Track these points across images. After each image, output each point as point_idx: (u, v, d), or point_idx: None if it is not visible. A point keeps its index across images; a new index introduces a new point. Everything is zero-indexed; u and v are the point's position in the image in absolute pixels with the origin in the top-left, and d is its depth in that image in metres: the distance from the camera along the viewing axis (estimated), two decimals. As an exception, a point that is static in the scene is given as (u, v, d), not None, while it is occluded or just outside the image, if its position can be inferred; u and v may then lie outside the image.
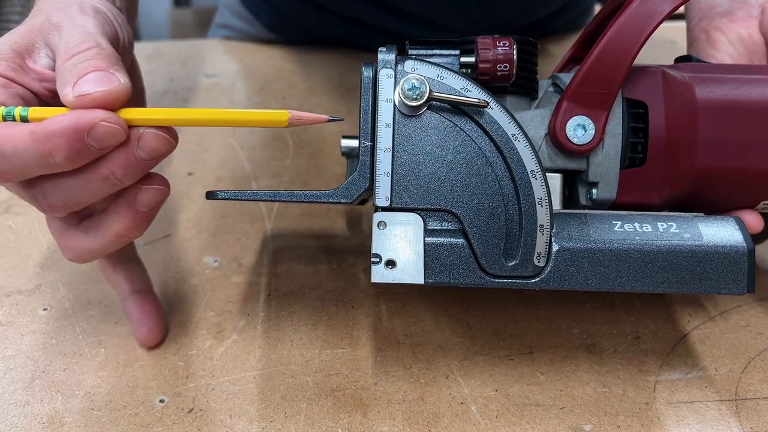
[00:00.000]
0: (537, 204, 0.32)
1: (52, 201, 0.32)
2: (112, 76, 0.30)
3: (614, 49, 0.32)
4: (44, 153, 0.28)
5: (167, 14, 1.70)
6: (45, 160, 0.29)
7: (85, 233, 0.34)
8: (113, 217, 0.33)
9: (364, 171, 0.33)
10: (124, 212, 0.32)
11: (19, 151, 0.29)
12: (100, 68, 0.30)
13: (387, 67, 0.32)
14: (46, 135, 0.28)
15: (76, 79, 0.29)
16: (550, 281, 0.32)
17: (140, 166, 0.31)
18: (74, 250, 0.35)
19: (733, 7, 0.44)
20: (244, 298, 0.43)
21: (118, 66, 0.31)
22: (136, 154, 0.30)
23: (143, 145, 0.30)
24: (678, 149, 0.34)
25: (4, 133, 0.29)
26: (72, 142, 0.28)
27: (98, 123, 0.28)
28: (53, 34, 0.33)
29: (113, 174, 0.30)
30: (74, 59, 0.30)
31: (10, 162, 0.29)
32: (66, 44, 0.31)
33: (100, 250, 0.34)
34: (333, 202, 0.33)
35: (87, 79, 0.29)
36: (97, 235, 0.34)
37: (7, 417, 0.35)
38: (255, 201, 0.38)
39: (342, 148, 0.39)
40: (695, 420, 0.35)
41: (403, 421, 0.35)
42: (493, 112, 0.32)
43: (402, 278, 0.31)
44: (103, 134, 0.29)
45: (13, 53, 0.33)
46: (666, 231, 0.32)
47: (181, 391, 0.37)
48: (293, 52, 0.74)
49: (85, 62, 0.30)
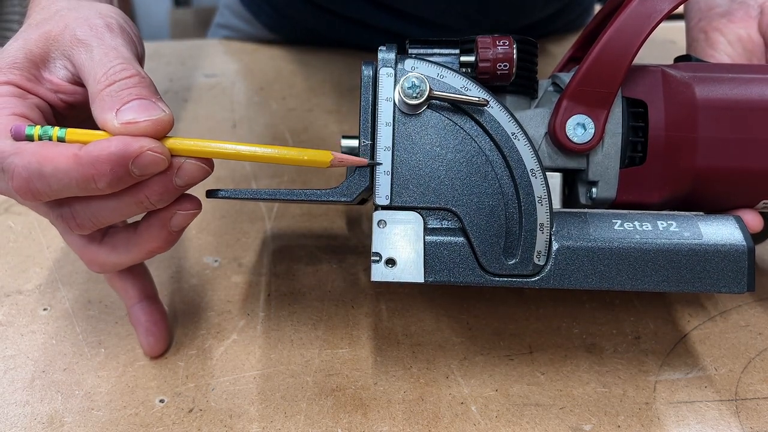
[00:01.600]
0: (537, 203, 0.32)
1: (81, 221, 0.32)
2: (156, 106, 0.30)
3: (614, 48, 0.32)
4: (87, 177, 0.28)
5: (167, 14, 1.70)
6: (87, 184, 0.29)
7: (113, 249, 0.34)
8: (145, 237, 0.33)
9: (364, 170, 0.33)
10: (157, 233, 0.33)
11: (59, 172, 0.28)
12: (143, 96, 0.30)
13: (387, 66, 0.32)
14: (91, 159, 0.28)
15: (119, 106, 0.29)
16: (550, 280, 0.32)
17: (176, 191, 0.31)
18: (101, 265, 0.35)
19: (732, 8, 0.44)
20: (244, 298, 0.43)
21: (158, 95, 0.31)
22: (174, 181, 0.30)
23: (182, 174, 0.30)
24: (678, 148, 0.34)
25: (45, 153, 0.28)
26: (116, 168, 0.28)
27: (145, 152, 0.28)
28: (78, 50, 0.32)
29: (148, 198, 0.30)
30: (116, 85, 0.30)
31: (48, 182, 0.29)
32: (103, 67, 0.31)
33: (127, 263, 0.35)
34: (333, 201, 0.33)
35: (131, 106, 0.29)
36: (128, 252, 0.34)
37: (7, 417, 0.35)
38: (255, 200, 0.38)
39: (342, 148, 0.39)
40: (695, 420, 0.35)
41: (403, 421, 0.35)
42: (493, 111, 0.32)
43: (402, 277, 0.31)
44: (148, 163, 0.29)
45: (29, 62, 0.32)
46: (666, 230, 0.32)
47: (181, 391, 0.37)
48: (293, 52, 0.75)
49: (128, 89, 0.30)
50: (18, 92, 0.32)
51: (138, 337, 0.39)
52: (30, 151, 0.29)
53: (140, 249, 0.33)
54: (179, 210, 0.32)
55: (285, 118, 0.62)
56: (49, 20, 0.34)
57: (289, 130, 0.60)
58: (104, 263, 0.35)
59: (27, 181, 0.29)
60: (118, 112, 0.29)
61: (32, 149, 0.29)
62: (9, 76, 0.32)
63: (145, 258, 0.34)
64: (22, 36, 0.34)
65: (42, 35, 0.33)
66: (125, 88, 0.30)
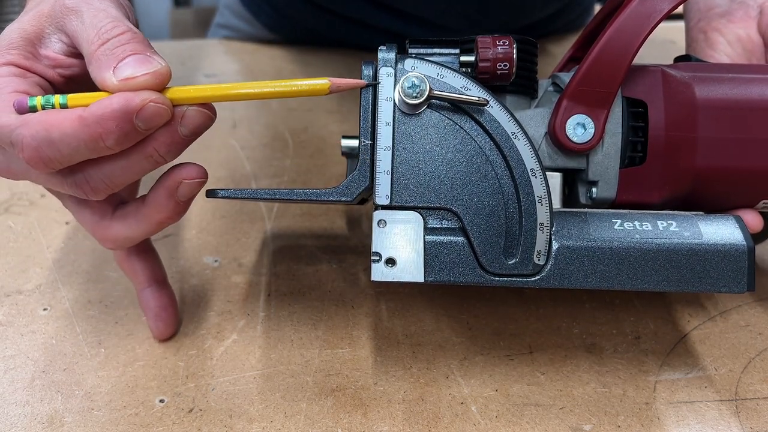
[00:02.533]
0: (537, 202, 0.32)
1: (95, 184, 0.32)
2: (152, 59, 0.30)
3: (614, 48, 0.33)
4: (94, 137, 0.29)
5: (167, 14, 1.71)
6: (95, 144, 0.29)
7: (123, 222, 0.34)
8: (154, 207, 0.33)
9: (364, 169, 0.33)
10: (165, 203, 0.33)
11: (67, 137, 0.29)
12: (138, 51, 0.30)
13: (387, 66, 0.32)
14: (95, 119, 0.28)
15: (116, 64, 0.29)
16: (550, 279, 0.32)
17: (183, 142, 0.31)
18: (113, 240, 0.35)
19: (731, 8, 0.44)
20: (244, 298, 0.43)
21: (153, 49, 0.31)
22: (179, 131, 0.30)
23: (186, 122, 0.30)
24: (678, 148, 0.34)
25: (50, 120, 0.29)
26: (122, 124, 0.28)
27: (148, 104, 0.29)
28: (70, 19, 0.32)
29: (157, 152, 0.31)
30: (110, 43, 0.30)
31: (58, 148, 0.29)
32: (95, 29, 0.31)
33: (139, 237, 0.35)
34: (333, 200, 0.33)
35: (127, 62, 0.29)
36: (138, 224, 0.34)
37: (7, 417, 0.35)
38: (255, 200, 0.38)
39: (342, 148, 0.39)
40: (695, 420, 0.35)
41: (403, 421, 0.35)
42: (493, 111, 0.32)
43: (402, 276, 0.31)
44: (152, 115, 0.29)
45: (24, 41, 0.33)
46: (666, 229, 0.32)
47: (181, 391, 0.37)
48: (293, 52, 0.75)
49: (122, 46, 0.30)
50: (18, 71, 0.32)
51: (147, 321, 0.40)
52: (35, 121, 0.29)
53: (150, 220, 0.34)
54: (185, 179, 0.32)
55: (285, 118, 0.62)
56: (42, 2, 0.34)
57: (289, 130, 0.60)
58: (116, 237, 0.35)
59: (37, 150, 0.29)
60: (115, 70, 0.29)
61: (37, 118, 0.29)
62: (7, 57, 0.32)
63: (156, 230, 0.35)
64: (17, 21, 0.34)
65: (35, 14, 0.33)
66: (119, 45, 0.30)
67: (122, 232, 0.35)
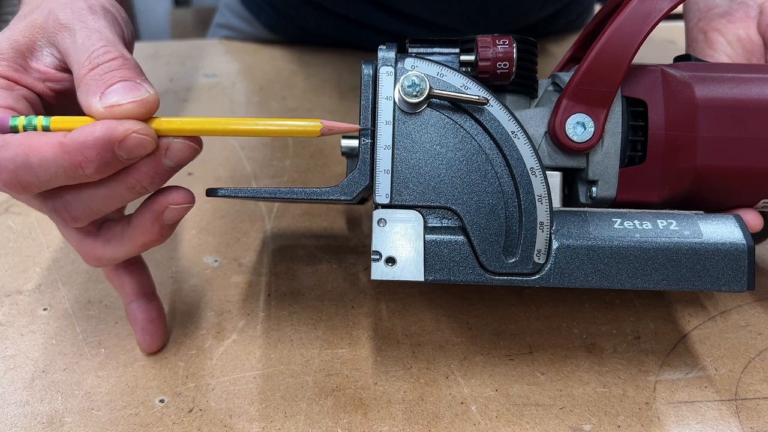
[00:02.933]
0: (537, 201, 0.32)
1: (74, 212, 0.31)
2: (141, 87, 0.29)
3: (614, 47, 0.33)
4: (74, 164, 0.28)
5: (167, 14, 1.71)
6: (74, 171, 0.28)
7: (108, 242, 0.34)
8: (139, 230, 0.33)
9: (364, 168, 0.33)
10: (150, 226, 0.32)
11: (46, 162, 0.28)
12: (127, 78, 0.29)
13: (387, 65, 0.32)
14: (76, 146, 0.28)
15: (103, 90, 0.29)
16: (550, 278, 0.32)
17: (166, 174, 0.30)
18: (97, 259, 0.34)
19: (731, 8, 0.44)
20: (244, 298, 0.43)
21: (143, 76, 0.30)
22: (163, 163, 0.30)
23: (171, 154, 0.30)
24: (677, 148, 0.34)
25: (30, 144, 0.28)
26: (103, 153, 0.28)
27: (131, 134, 0.28)
28: (62, 35, 0.32)
29: (139, 183, 0.30)
30: (100, 69, 0.30)
31: (36, 173, 0.28)
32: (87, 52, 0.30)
33: (123, 257, 0.34)
34: (333, 199, 0.33)
35: (115, 89, 0.29)
36: (122, 245, 0.33)
37: (7, 417, 0.35)
38: (255, 199, 0.38)
39: (342, 148, 0.39)
40: (695, 420, 0.35)
41: (403, 421, 0.35)
42: (493, 110, 0.32)
43: (402, 275, 0.31)
44: (134, 146, 0.28)
45: (14, 52, 0.32)
46: (666, 228, 0.32)
47: (181, 391, 0.37)
48: (293, 52, 0.75)
49: (111, 72, 0.29)
50: (5, 83, 0.31)
51: (135, 334, 0.39)
52: (15, 143, 0.28)
53: (134, 242, 0.33)
54: (171, 204, 0.32)
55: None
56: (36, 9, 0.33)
57: (289, 130, 0.60)
58: (100, 257, 0.34)
59: (14, 173, 0.28)
60: (102, 96, 0.29)
61: (17, 141, 0.28)
62: None
63: (140, 251, 0.34)
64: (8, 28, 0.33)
65: (27, 25, 0.33)
66: (109, 71, 0.29)
67: (106, 251, 0.34)
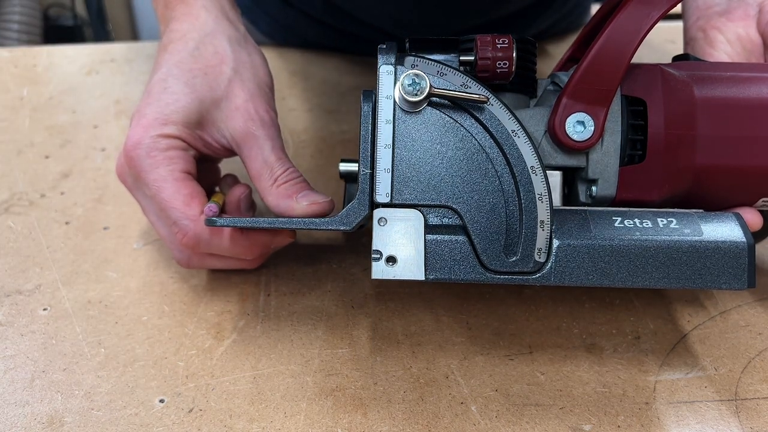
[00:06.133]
0: (537, 200, 0.32)
1: (191, 263, 0.41)
2: (318, 195, 0.38)
3: (613, 45, 0.33)
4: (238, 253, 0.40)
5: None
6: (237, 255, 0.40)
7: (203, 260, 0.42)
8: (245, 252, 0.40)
9: (363, 198, 0.33)
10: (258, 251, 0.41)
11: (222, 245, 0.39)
12: (307, 188, 0.39)
13: (387, 64, 0.32)
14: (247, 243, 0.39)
15: (295, 195, 0.38)
16: (550, 277, 0.32)
17: None
18: (192, 266, 0.42)
19: (730, 6, 0.44)
20: (244, 298, 0.43)
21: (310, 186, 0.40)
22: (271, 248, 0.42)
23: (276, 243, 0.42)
24: (677, 146, 0.34)
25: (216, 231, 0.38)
26: (263, 250, 0.41)
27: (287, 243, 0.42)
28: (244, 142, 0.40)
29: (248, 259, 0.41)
30: (287, 185, 0.39)
31: (209, 246, 0.39)
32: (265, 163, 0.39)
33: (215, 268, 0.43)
34: (332, 229, 0.34)
35: (305, 195, 0.38)
36: (221, 262, 0.42)
37: (7, 417, 0.35)
38: (253, 228, 0.39)
39: (340, 172, 0.40)
40: (695, 420, 0.35)
41: (403, 421, 0.35)
42: (493, 109, 0.32)
43: (402, 274, 0.31)
44: (281, 245, 0.42)
45: (186, 118, 0.39)
46: (666, 226, 0.32)
47: (181, 391, 0.37)
48: (293, 53, 0.75)
49: (296, 185, 0.39)
50: (183, 146, 0.39)
51: None
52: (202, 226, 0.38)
53: (234, 263, 0.42)
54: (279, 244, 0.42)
55: (285, 118, 0.62)
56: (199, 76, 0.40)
57: (289, 130, 0.60)
58: (195, 265, 0.42)
59: (194, 240, 0.38)
60: (297, 198, 0.38)
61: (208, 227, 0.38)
62: (176, 131, 0.39)
63: (234, 267, 0.43)
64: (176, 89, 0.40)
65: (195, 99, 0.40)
66: (294, 185, 0.39)
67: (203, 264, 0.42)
